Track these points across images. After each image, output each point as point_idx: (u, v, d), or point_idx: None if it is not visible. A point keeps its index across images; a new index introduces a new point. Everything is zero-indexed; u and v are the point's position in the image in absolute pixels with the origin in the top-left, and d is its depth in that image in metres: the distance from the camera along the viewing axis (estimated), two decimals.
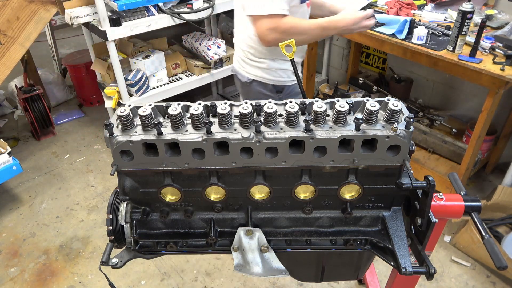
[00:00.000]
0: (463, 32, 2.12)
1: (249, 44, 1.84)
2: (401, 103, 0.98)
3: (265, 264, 1.20)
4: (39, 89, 3.54)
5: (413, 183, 1.06)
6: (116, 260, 1.17)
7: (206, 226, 1.18)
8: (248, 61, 1.89)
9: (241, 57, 1.92)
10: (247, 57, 1.88)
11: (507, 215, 2.54)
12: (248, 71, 1.92)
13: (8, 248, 2.65)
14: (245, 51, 1.88)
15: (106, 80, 2.96)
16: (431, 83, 3.21)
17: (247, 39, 1.83)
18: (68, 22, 2.56)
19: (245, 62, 1.92)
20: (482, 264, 2.38)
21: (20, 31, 2.69)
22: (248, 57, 1.88)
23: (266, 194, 1.12)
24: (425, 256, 1.10)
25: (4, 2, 2.61)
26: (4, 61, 2.69)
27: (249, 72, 1.91)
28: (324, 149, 0.99)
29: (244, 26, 1.81)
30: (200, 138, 0.97)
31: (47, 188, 3.14)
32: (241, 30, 1.87)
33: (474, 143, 2.33)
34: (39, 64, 4.22)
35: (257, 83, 1.91)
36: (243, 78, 1.94)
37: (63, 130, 3.86)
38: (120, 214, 1.12)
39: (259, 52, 1.83)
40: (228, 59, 3.15)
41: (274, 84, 1.91)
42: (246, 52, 1.88)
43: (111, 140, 0.99)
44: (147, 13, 2.62)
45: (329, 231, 1.18)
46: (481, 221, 1.18)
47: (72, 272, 2.47)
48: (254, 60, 1.87)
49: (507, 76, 1.98)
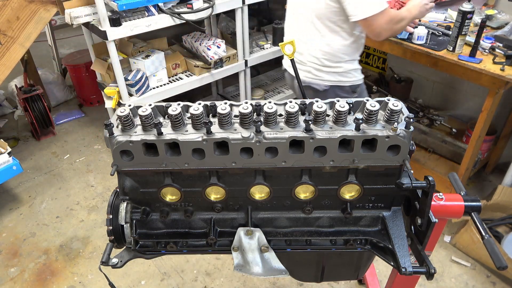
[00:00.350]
0: (463, 32, 2.13)
1: (326, 51, 1.90)
2: (401, 103, 0.98)
3: (265, 264, 1.20)
4: (39, 89, 3.54)
5: (413, 183, 1.06)
6: (116, 260, 1.17)
7: (206, 226, 1.18)
8: (324, 68, 1.94)
9: (315, 66, 1.96)
10: (323, 64, 1.93)
11: (507, 215, 2.54)
12: (325, 78, 1.97)
13: (8, 248, 2.65)
14: (320, 59, 1.92)
15: (106, 80, 2.96)
16: (431, 83, 3.21)
17: (324, 47, 1.89)
18: (68, 22, 2.56)
19: (320, 71, 1.96)
20: (482, 264, 2.38)
21: (20, 31, 2.69)
22: (324, 64, 1.93)
23: (266, 194, 1.12)
24: (425, 256, 1.10)
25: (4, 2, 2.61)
26: (4, 61, 2.69)
27: (326, 79, 1.97)
28: (324, 149, 0.99)
29: (320, 35, 1.88)
30: (200, 138, 0.97)
31: (47, 188, 3.14)
32: (314, 40, 1.91)
33: (474, 143, 2.33)
34: (39, 64, 4.22)
35: (334, 88, 1.98)
36: (320, 87, 1.98)
37: (63, 130, 3.86)
38: (120, 214, 1.12)
39: (336, 56, 1.90)
40: (228, 59, 3.15)
41: (350, 85, 1.99)
42: (322, 60, 1.92)
43: (111, 140, 0.99)
44: (147, 13, 2.61)
45: (329, 231, 1.18)
46: (481, 221, 1.18)
47: (72, 272, 2.47)
48: (331, 66, 1.93)
49: (507, 76, 1.98)
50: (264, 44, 3.49)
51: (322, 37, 1.88)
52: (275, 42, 3.43)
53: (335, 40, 1.88)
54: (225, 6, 2.88)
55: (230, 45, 3.27)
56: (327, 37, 1.87)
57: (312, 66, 1.97)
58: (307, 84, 2.01)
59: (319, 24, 1.85)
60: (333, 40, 1.88)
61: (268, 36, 3.67)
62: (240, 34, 3.09)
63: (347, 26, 1.84)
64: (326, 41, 1.88)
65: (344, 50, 1.90)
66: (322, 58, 1.92)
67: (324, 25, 1.84)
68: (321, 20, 1.83)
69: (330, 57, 1.91)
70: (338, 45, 1.89)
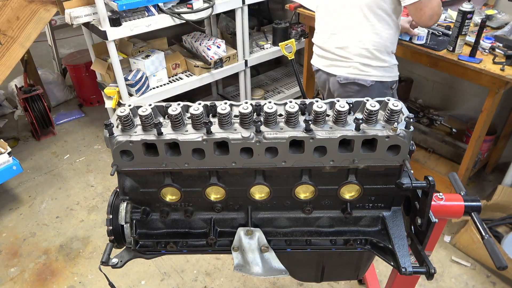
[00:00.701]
0: (463, 32, 2.13)
1: (376, 40, 1.90)
2: (401, 103, 0.98)
3: (265, 264, 1.20)
4: (39, 89, 3.54)
5: (413, 183, 1.06)
6: (116, 260, 1.17)
7: (206, 226, 1.18)
8: (373, 62, 1.94)
9: (363, 61, 1.95)
10: (373, 56, 1.92)
11: (507, 215, 2.54)
12: (372, 73, 1.97)
13: (8, 248, 2.65)
14: (370, 50, 1.92)
15: (106, 80, 2.96)
16: (431, 83, 3.21)
17: (374, 36, 1.89)
18: (68, 22, 2.56)
19: (367, 66, 1.95)
20: (482, 264, 2.38)
21: (20, 31, 2.69)
22: (374, 55, 1.92)
23: (266, 194, 1.12)
24: (425, 256, 1.10)
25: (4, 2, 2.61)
26: (4, 61, 2.69)
27: (372, 74, 1.97)
28: (324, 149, 0.99)
29: (370, 24, 1.87)
30: (200, 138, 0.97)
31: (47, 188, 3.14)
32: (364, 31, 1.90)
33: (474, 143, 2.33)
34: (39, 64, 4.22)
35: (378, 84, 1.99)
36: (367, 83, 1.98)
37: (63, 130, 3.86)
38: (120, 214, 1.12)
39: (385, 46, 1.92)
40: (228, 59, 3.15)
41: (391, 80, 2.02)
42: (372, 51, 1.92)
43: (111, 140, 0.99)
44: (147, 13, 2.62)
45: (329, 231, 1.18)
46: (481, 221, 1.18)
47: (72, 272, 2.47)
48: (379, 58, 1.94)
49: (507, 76, 1.98)
50: (264, 44, 3.50)
51: (372, 26, 1.88)
52: (275, 42, 3.43)
53: (384, 28, 1.89)
54: (225, 6, 2.88)
55: (230, 45, 3.27)
56: (377, 26, 1.88)
57: (359, 61, 1.96)
58: (351, 81, 2.01)
59: (369, 13, 1.85)
60: (382, 28, 1.88)
61: (268, 36, 3.67)
62: (240, 34, 3.09)
63: (393, 14, 1.87)
64: (376, 30, 1.89)
65: (391, 39, 1.93)
66: (373, 49, 1.91)
67: (374, 14, 1.84)
68: (371, 9, 1.83)
69: (380, 47, 1.91)
70: (386, 34, 1.90)
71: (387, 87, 2.04)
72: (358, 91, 2.02)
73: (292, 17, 3.58)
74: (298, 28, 3.48)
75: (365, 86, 1.99)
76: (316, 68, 2.23)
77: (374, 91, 2.00)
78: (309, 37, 3.11)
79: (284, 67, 4.42)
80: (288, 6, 3.03)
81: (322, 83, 2.22)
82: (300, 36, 3.41)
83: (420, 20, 1.82)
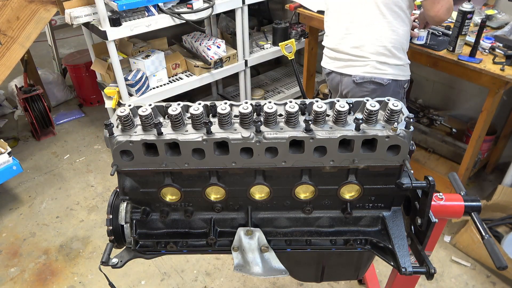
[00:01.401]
0: (463, 32, 2.13)
1: (393, 37, 1.89)
2: (401, 103, 0.98)
3: (265, 264, 1.20)
4: (39, 89, 3.54)
5: (413, 183, 1.06)
6: (116, 260, 1.17)
7: (206, 226, 1.18)
8: (390, 60, 1.93)
9: (380, 59, 1.94)
10: (391, 53, 1.91)
11: (507, 215, 2.54)
12: (388, 72, 1.95)
13: (8, 248, 2.65)
14: (388, 47, 1.91)
15: (106, 80, 2.96)
16: (431, 83, 3.21)
17: (391, 33, 1.88)
18: (68, 22, 2.56)
19: (384, 64, 1.94)
20: (482, 264, 2.38)
21: (20, 31, 2.69)
22: (392, 53, 1.91)
23: (266, 194, 1.12)
24: (425, 256, 1.10)
25: (4, 2, 2.60)
26: (4, 61, 2.69)
27: (389, 72, 1.96)
28: (324, 149, 0.99)
29: (387, 21, 1.86)
30: (200, 138, 0.97)
31: (47, 188, 3.14)
32: (381, 27, 1.89)
33: (474, 143, 2.33)
34: (39, 64, 4.22)
35: (394, 82, 1.98)
36: (383, 81, 1.96)
37: (63, 130, 3.86)
38: (120, 214, 1.12)
39: (401, 43, 1.92)
40: (228, 59, 3.15)
41: (404, 79, 2.01)
42: (390, 48, 1.91)
43: (111, 140, 0.99)
44: (147, 13, 2.62)
45: (329, 231, 1.18)
46: (481, 221, 1.18)
47: (72, 272, 2.47)
48: (396, 57, 1.93)
49: (507, 76, 1.98)
50: (264, 44, 3.50)
51: (388, 23, 1.88)
52: (275, 42, 3.43)
53: (399, 25, 1.89)
54: (225, 6, 2.88)
55: (230, 45, 3.27)
56: (393, 22, 1.88)
57: (376, 59, 1.95)
58: (368, 80, 1.99)
59: (385, 9, 1.85)
60: (398, 25, 1.89)
61: (268, 36, 3.67)
62: (240, 34, 3.09)
63: (408, 10, 1.87)
64: (392, 27, 1.89)
65: (406, 36, 1.94)
66: (391, 46, 1.91)
67: (390, 11, 1.85)
68: (387, 6, 1.84)
69: (397, 44, 1.91)
70: (402, 30, 1.90)
71: (400, 86, 2.03)
72: (374, 90, 2.00)
73: (292, 17, 3.58)
74: (298, 28, 3.48)
75: (381, 85, 1.98)
76: (328, 71, 2.19)
77: (389, 90, 2.00)
78: (309, 37, 3.11)
79: (284, 67, 4.42)
80: (288, 6, 3.03)
81: (335, 85, 2.19)
82: (300, 36, 3.41)
83: (436, 14, 1.80)
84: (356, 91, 2.06)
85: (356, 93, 2.06)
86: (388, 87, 1.98)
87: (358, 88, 2.04)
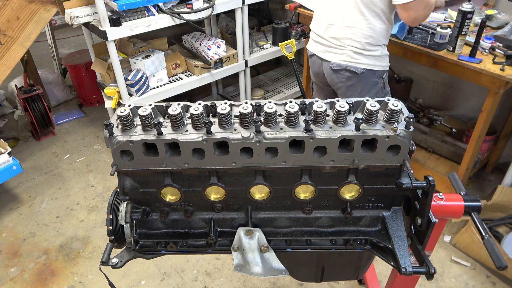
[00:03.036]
0: (463, 32, 2.13)
1: (369, 34, 2.02)
2: (401, 103, 0.98)
3: (265, 264, 1.20)
4: (39, 89, 3.54)
5: (413, 183, 1.06)
6: (116, 260, 1.17)
7: (206, 226, 1.18)
8: (364, 52, 2.05)
9: (355, 50, 2.06)
10: (364, 48, 2.04)
11: (507, 215, 2.54)
12: (362, 61, 2.07)
13: (8, 248, 2.65)
14: (362, 43, 2.03)
15: (106, 80, 2.96)
16: (431, 83, 3.21)
17: (367, 30, 2.01)
18: (68, 22, 2.56)
19: (359, 54, 2.06)
20: (482, 264, 2.38)
21: (20, 31, 2.69)
22: (365, 48, 2.04)
23: (266, 194, 1.12)
24: (425, 256, 1.10)
25: (4, 2, 2.60)
26: (4, 61, 2.69)
27: (364, 62, 2.07)
28: (324, 149, 0.99)
29: (364, 19, 1.99)
30: (200, 138, 0.97)
31: (47, 188, 3.14)
32: (359, 24, 2.02)
33: (474, 143, 2.33)
34: (39, 64, 4.22)
35: (369, 71, 2.10)
36: (357, 70, 2.09)
37: (63, 130, 3.86)
38: (120, 214, 1.12)
39: (376, 40, 2.03)
40: (228, 59, 3.15)
41: (382, 70, 2.13)
42: (363, 43, 2.03)
43: (111, 140, 0.99)
44: (147, 13, 2.62)
45: (329, 231, 1.18)
46: (481, 221, 1.18)
47: (72, 272, 2.47)
48: (370, 50, 2.05)
49: (507, 76, 1.98)
50: (264, 44, 3.50)
51: (366, 21, 2.00)
52: (275, 42, 3.43)
53: (377, 23, 2.00)
54: (225, 6, 2.88)
55: (230, 45, 3.27)
56: (371, 20, 1.99)
57: (351, 50, 2.07)
58: (343, 67, 2.12)
59: (364, 8, 1.97)
60: (376, 23, 2.00)
61: (268, 36, 3.67)
62: (240, 34, 3.09)
63: (387, 11, 1.98)
64: (370, 25, 2.00)
65: (383, 34, 2.04)
66: (364, 42, 2.03)
67: (369, 10, 1.97)
68: (366, 5, 1.96)
69: (372, 40, 2.03)
70: (379, 28, 2.01)
71: (378, 76, 2.13)
72: (349, 77, 2.13)
73: (292, 17, 3.58)
74: (298, 28, 3.48)
75: (356, 73, 2.10)
76: (311, 53, 2.31)
77: (365, 79, 2.11)
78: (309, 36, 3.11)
79: (284, 67, 4.42)
80: (288, 6, 3.03)
81: (316, 69, 2.31)
82: (300, 36, 3.41)
83: (407, 19, 1.94)
84: (333, 77, 2.19)
85: (333, 79, 2.20)
86: (362, 76, 2.10)
87: (335, 74, 2.17)
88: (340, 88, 2.21)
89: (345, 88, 2.18)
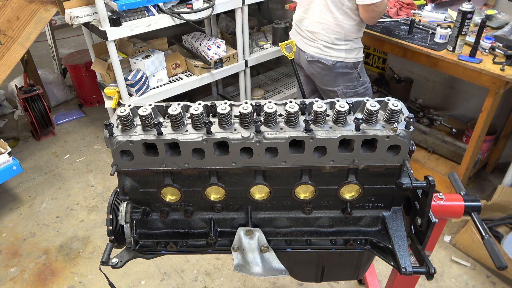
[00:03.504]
0: (463, 32, 2.13)
1: (337, 31, 2.16)
2: (401, 103, 0.98)
3: (265, 264, 1.20)
4: (39, 89, 3.54)
5: (413, 183, 1.06)
6: (116, 260, 1.17)
7: (206, 226, 1.18)
8: (333, 46, 2.20)
9: (325, 44, 2.21)
10: (333, 42, 2.19)
11: (507, 215, 2.54)
12: (332, 54, 2.22)
13: (8, 248, 2.65)
14: (331, 37, 2.18)
15: (106, 80, 2.96)
16: (431, 83, 3.21)
17: (335, 27, 2.15)
18: (68, 22, 2.56)
19: (329, 48, 2.21)
20: (482, 264, 2.38)
21: (20, 31, 2.69)
22: (334, 42, 2.19)
23: (266, 194, 1.12)
24: (425, 256, 1.10)
25: (4, 2, 2.60)
26: (4, 61, 2.69)
27: (333, 55, 2.22)
28: (324, 149, 0.99)
29: (333, 17, 2.13)
30: (200, 138, 0.97)
31: (47, 188, 3.14)
32: (328, 21, 2.16)
33: (474, 143, 2.33)
34: (39, 64, 4.22)
35: (340, 63, 2.24)
36: (328, 62, 2.24)
37: (63, 130, 3.86)
38: (120, 214, 1.12)
39: (345, 36, 2.17)
40: (228, 59, 3.15)
41: (354, 61, 2.25)
42: (332, 38, 2.18)
43: (111, 140, 0.99)
44: (147, 13, 2.61)
45: (329, 231, 1.18)
46: (481, 221, 1.18)
47: (72, 272, 2.47)
48: (339, 44, 2.19)
49: (507, 76, 1.98)
50: (264, 44, 3.49)
51: (334, 19, 2.13)
52: (275, 42, 3.43)
53: (346, 20, 2.13)
54: (225, 6, 2.88)
55: (230, 45, 3.27)
56: (339, 18, 2.12)
57: (322, 44, 2.22)
58: (316, 59, 2.27)
59: (333, 6, 2.11)
60: (344, 20, 2.13)
61: (268, 36, 3.67)
62: (240, 34, 3.08)
63: (355, 9, 2.09)
64: (338, 22, 2.13)
65: (352, 30, 2.16)
66: (334, 37, 2.17)
67: (337, 8, 2.10)
68: (334, 3, 2.10)
69: (341, 36, 2.17)
70: (348, 25, 2.14)
71: (351, 67, 2.26)
72: (322, 68, 2.29)
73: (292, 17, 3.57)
74: None
75: (327, 65, 2.25)
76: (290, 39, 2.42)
77: (337, 70, 2.26)
78: None
79: (284, 67, 4.42)
80: (288, 6, 3.03)
81: (297, 56, 2.44)
82: None
83: (367, 18, 2.08)
84: (308, 67, 2.36)
85: (309, 68, 2.37)
86: (334, 68, 2.25)
87: (310, 65, 2.34)
88: (316, 77, 2.36)
89: (321, 77, 2.34)
